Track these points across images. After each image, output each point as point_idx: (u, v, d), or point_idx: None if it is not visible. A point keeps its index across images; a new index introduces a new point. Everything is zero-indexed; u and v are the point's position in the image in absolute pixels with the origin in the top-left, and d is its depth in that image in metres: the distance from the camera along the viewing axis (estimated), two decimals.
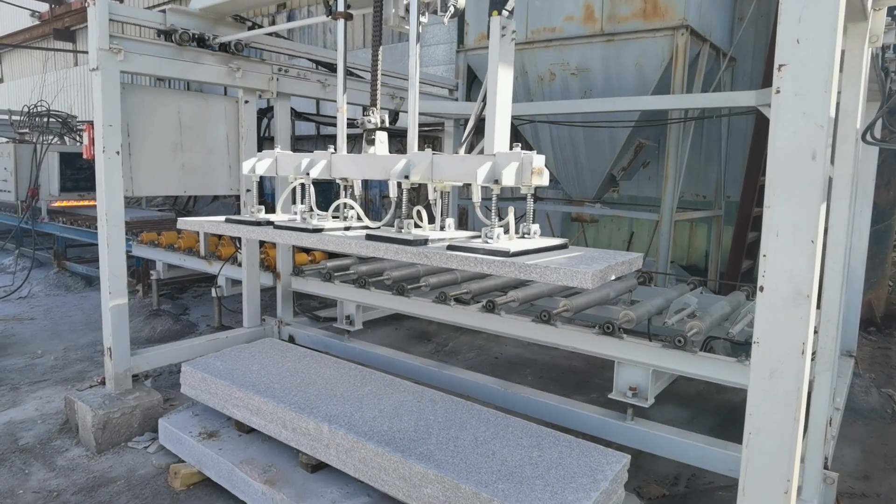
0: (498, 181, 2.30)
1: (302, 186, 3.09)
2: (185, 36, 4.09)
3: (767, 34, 6.62)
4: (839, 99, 2.45)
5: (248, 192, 4.78)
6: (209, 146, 4.59)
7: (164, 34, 4.08)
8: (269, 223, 3.08)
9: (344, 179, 3.02)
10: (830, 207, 2.55)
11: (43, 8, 17.43)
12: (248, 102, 4.76)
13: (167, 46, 4.07)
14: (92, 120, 3.90)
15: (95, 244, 4.31)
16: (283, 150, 3.22)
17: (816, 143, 1.61)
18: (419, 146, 2.80)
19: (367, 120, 2.89)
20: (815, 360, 2.57)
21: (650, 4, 5.46)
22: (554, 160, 6.72)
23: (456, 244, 2.42)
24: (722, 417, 4.30)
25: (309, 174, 2.93)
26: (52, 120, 9.02)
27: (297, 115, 7.93)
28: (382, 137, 2.91)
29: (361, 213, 3.04)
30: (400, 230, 2.64)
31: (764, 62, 6.49)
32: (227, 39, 4.33)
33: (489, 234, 2.45)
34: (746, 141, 6.53)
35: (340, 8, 3.05)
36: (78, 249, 9.20)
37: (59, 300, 7.52)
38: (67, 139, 9.14)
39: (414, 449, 2.73)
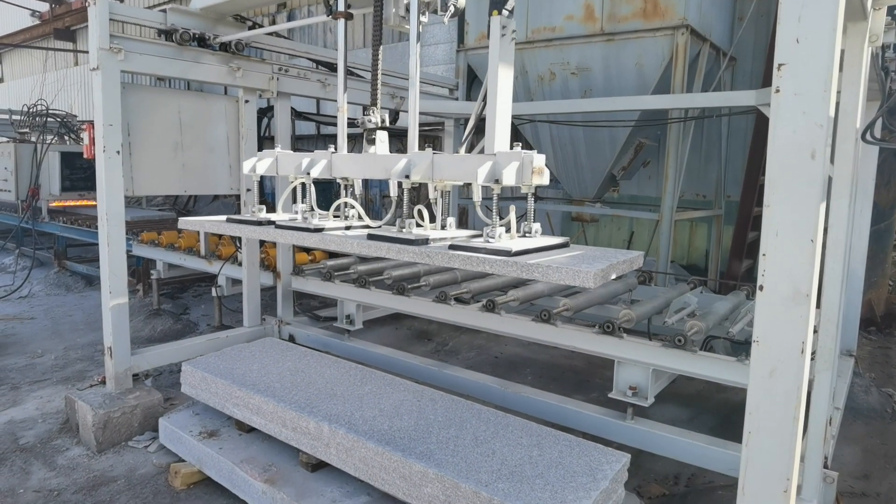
0: (498, 180, 2.30)
1: (302, 186, 3.09)
2: (185, 35, 4.09)
3: (767, 34, 6.62)
4: (839, 98, 2.46)
5: (248, 191, 4.78)
6: (209, 146, 4.60)
7: (164, 34, 4.09)
8: (269, 223, 3.07)
9: (344, 179, 3.02)
10: (830, 207, 2.55)
11: (43, 7, 17.43)
12: (248, 102, 4.76)
13: (167, 46, 4.07)
14: (92, 119, 3.90)
15: (96, 244, 4.31)
16: (283, 149, 3.22)
17: (816, 142, 1.61)
18: (419, 146, 2.80)
19: (367, 119, 2.90)
20: (814, 359, 2.57)
21: (650, 4, 5.46)
22: (554, 160, 6.72)
23: (458, 243, 2.42)
24: (722, 417, 4.30)
25: (309, 174, 2.94)
26: (51, 119, 9.02)
27: (297, 114, 7.93)
28: (383, 137, 2.91)
29: (362, 212, 3.04)
30: (401, 230, 2.64)
31: (764, 62, 6.49)
32: (227, 39, 4.33)
33: (490, 233, 2.45)
34: (746, 140, 6.53)
35: (341, 7, 3.05)
36: (78, 249, 9.20)
37: (59, 300, 7.53)
38: (67, 139, 9.13)
39: (414, 448, 2.73)
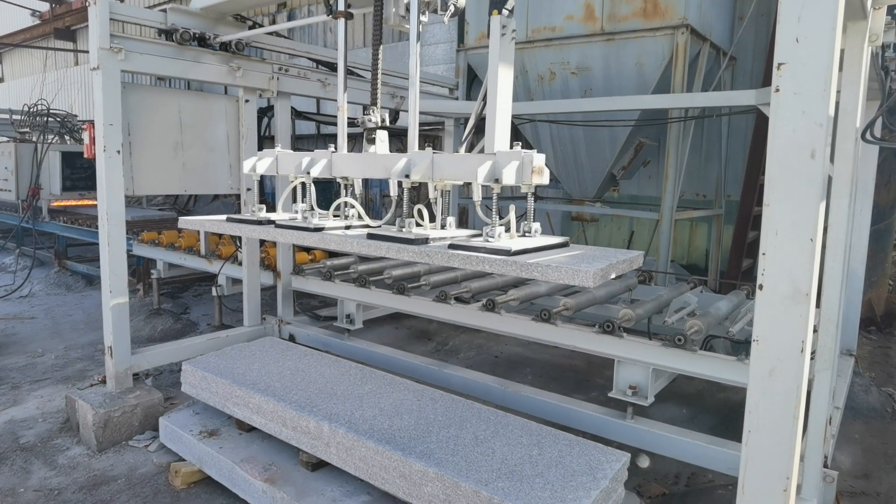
0: (498, 180, 2.30)
1: (302, 185, 3.09)
2: (185, 35, 4.10)
3: (767, 33, 6.62)
4: (839, 98, 2.46)
5: (248, 191, 4.78)
6: (210, 145, 4.60)
7: (164, 33, 4.09)
8: (269, 222, 3.07)
9: (344, 178, 3.02)
10: (830, 206, 2.55)
11: (43, 7, 17.43)
12: (248, 101, 4.76)
13: (168, 46, 4.07)
14: (92, 119, 3.90)
15: (96, 243, 4.31)
16: (283, 149, 3.22)
17: (816, 141, 1.61)
18: (419, 145, 2.80)
19: (367, 119, 2.90)
20: (814, 358, 2.57)
21: (650, 3, 5.46)
22: (554, 159, 6.72)
23: (457, 243, 2.42)
24: (722, 416, 4.30)
25: (309, 173, 2.94)
26: (51, 119, 9.02)
27: (297, 114, 7.94)
28: (383, 136, 2.92)
29: (362, 211, 3.04)
30: (401, 229, 2.64)
31: (764, 61, 6.49)
32: (227, 39, 4.33)
33: (490, 232, 2.45)
34: (746, 140, 6.53)
35: (341, 7, 3.05)
36: (79, 249, 9.19)
37: (59, 299, 7.53)
38: (68, 139, 9.14)
39: (414, 447, 2.73)
